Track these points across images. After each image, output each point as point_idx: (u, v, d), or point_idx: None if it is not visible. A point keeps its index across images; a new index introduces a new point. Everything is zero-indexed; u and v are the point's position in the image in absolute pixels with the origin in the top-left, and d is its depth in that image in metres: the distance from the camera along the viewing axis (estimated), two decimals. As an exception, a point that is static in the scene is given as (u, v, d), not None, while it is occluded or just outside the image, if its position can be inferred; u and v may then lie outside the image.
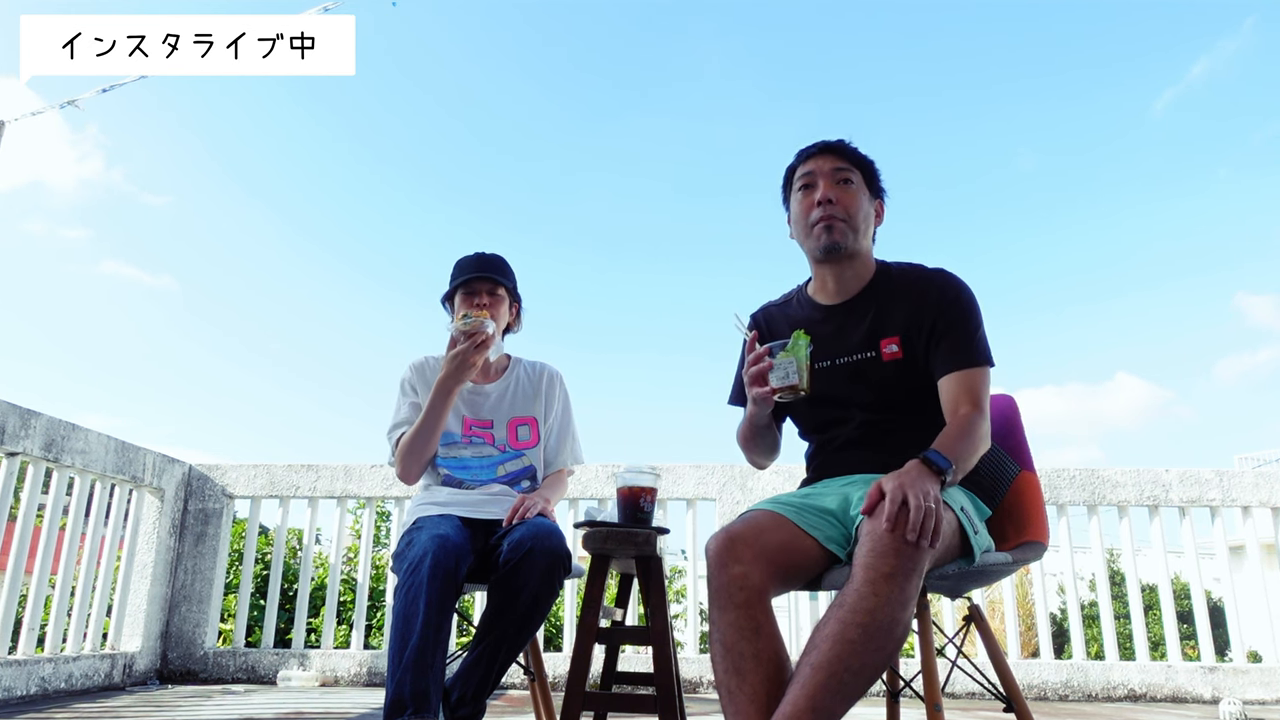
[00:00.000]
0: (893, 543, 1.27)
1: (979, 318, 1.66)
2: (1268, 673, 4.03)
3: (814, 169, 1.71)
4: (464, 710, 1.81)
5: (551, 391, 2.28)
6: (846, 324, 1.71)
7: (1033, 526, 1.72)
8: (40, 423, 3.44)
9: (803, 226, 1.72)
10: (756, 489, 4.31)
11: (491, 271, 2.22)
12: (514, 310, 2.31)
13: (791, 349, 1.59)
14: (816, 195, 1.68)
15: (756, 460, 1.84)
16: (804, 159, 1.74)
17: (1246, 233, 55.40)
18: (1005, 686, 1.64)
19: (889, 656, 1.25)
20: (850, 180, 1.70)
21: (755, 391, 1.61)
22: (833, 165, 1.70)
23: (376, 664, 4.17)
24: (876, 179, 1.76)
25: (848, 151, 1.73)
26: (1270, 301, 51.47)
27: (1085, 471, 4.34)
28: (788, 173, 1.79)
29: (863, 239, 1.71)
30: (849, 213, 1.67)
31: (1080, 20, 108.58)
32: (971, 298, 1.67)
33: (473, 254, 2.26)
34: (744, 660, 1.32)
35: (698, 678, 4.09)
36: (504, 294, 2.24)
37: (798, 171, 1.75)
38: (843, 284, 1.73)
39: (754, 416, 1.69)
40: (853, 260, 1.71)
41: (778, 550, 1.44)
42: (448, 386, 2.07)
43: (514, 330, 2.34)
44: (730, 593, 1.37)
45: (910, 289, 1.69)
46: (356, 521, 5.77)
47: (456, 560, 1.80)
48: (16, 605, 3.38)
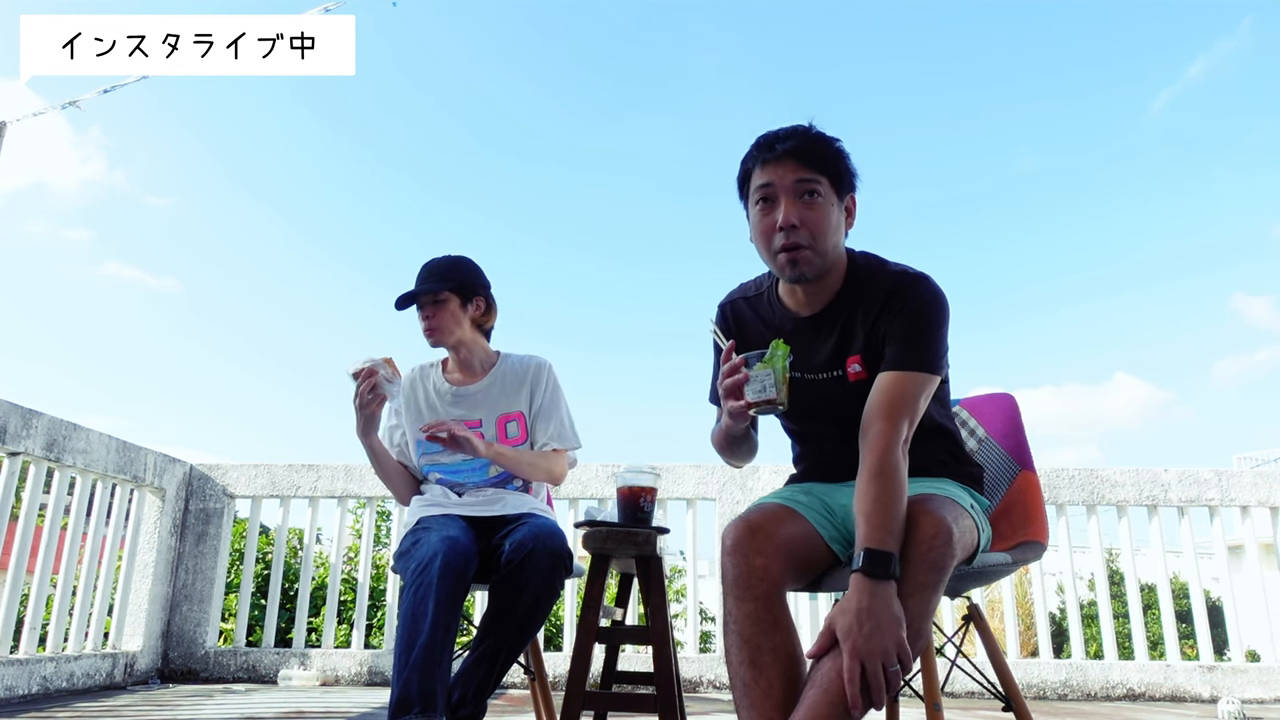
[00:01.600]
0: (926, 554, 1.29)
1: (934, 323, 1.52)
2: (1266, 672, 4.04)
3: (773, 181, 1.51)
4: (465, 710, 1.81)
5: (538, 381, 2.21)
6: (815, 337, 1.60)
7: (1032, 526, 1.73)
8: (42, 423, 3.45)
9: (765, 247, 1.55)
10: (756, 489, 4.32)
11: (430, 281, 2.16)
12: (478, 305, 2.21)
13: (769, 360, 1.45)
14: (778, 217, 1.50)
15: (733, 464, 1.78)
16: (761, 164, 1.53)
17: (1243, 233, 55.43)
18: (1004, 686, 1.65)
19: (910, 665, 1.26)
20: (816, 192, 1.50)
21: (730, 405, 1.49)
22: (795, 176, 1.50)
23: (377, 663, 4.18)
24: (846, 173, 1.55)
25: (811, 155, 1.51)
26: (1267, 302, 51.46)
27: (1084, 471, 4.35)
28: (743, 170, 1.59)
29: (831, 254, 1.55)
30: (814, 235, 1.50)
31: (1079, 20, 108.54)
32: (931, 302, 1.52)
33: (421, 266, 2.21)
34: (761, 654, 1.30)
35: (698, 677, 4.10)
36: (449, 297, 2.15)
37: (755, 178, 1.55)
38: (812, 297, 1.60)
39: (729, 428, 1.57)
40: (822, 278, 1.57)
41: (794, 545, 1.41)
42: (360, 436, 2.11)
43: (486, 325, 2.27)
44: (750, 584, 1.33)
45: (874, 299, 1.55)
46: (357, 521, 5.78)
47: (465, 562, 1.81)
48: (18, 605, 3.38)
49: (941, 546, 1.29)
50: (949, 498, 1.45)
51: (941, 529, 1.30)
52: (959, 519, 1.38)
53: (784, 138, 1.52)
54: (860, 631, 1.21)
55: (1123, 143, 74.21)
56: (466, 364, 2.24)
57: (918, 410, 1.47)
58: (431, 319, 2.15)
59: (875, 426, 1.44)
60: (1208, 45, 62.62)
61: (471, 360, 2.23)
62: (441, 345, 2.19)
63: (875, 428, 1.43)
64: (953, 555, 1.31)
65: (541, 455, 2.15)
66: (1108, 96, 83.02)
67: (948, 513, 1.35)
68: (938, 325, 1.52)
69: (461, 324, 2.18)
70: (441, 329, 2.16)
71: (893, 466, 1.38)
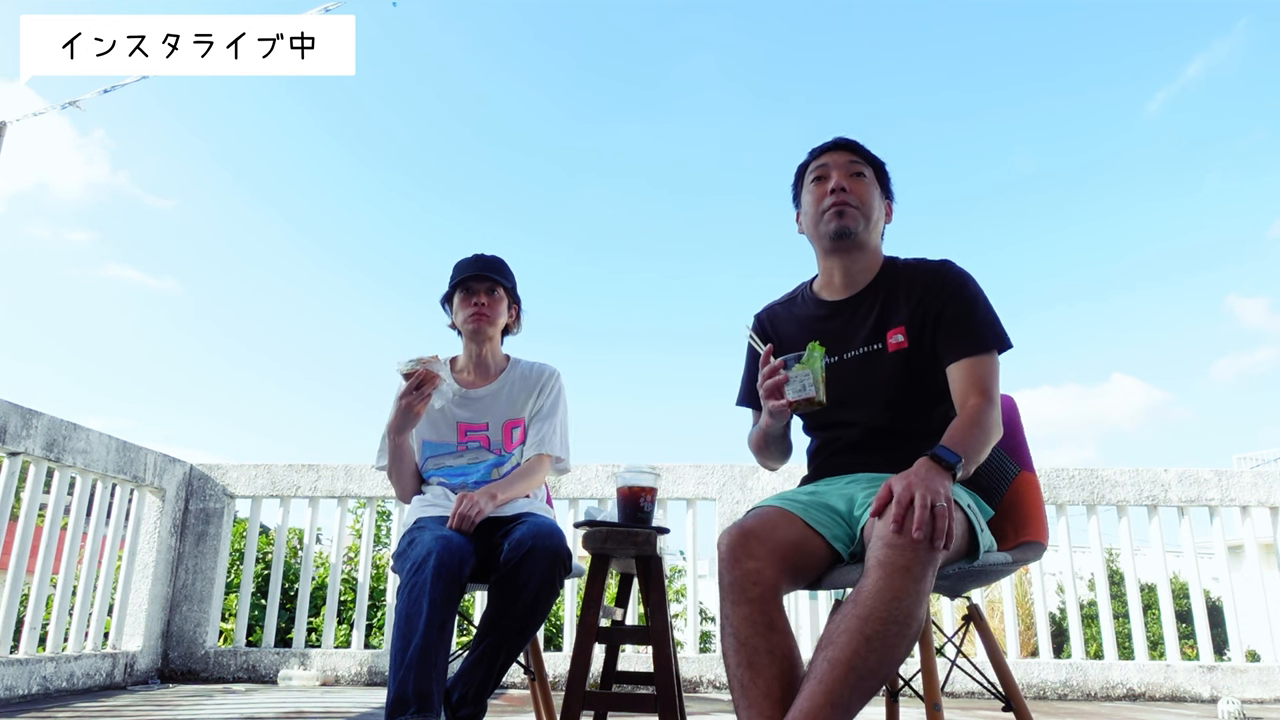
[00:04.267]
0: (907, 538, 1.28)
1: (987, 302, 1.66)
2: (1266, 672, 4.04)
3: (828, 162, 1.74)
4: (465, 710, 1.81)
5: (545, 387, 2.24)
6: (853, 318, 1.71)
7: (1032, 526, 1.72)
8: (42, 423, 3.45)
9: (813, 216, 1.73)
10: (756, 489, 4.32)
11: (490, 271, 2.21)
12: (513, 312, 2.30)
13: (807, 361, 1.57)
14: (830, 185, 1.70)
15: (769, 464, 1.86)
16: (817, 154, 1.77)
17: (1237, 235, 55.43)
18: (1004, 686, 1.65)
19: (905, 651, 1.26)
20: (863, 174, 1.72)
21: (771, 405, 1.61)
22: (847, 159, 1.73)
23: (377, 663, 4.18)
24: (887, 180, 1.79)
25: (861, 149, 1.75)
26: (1261, 304, 51.41)
27: (1084, 471, 4.35)
28: (800, 170, 1.81)
29: (873, 230, 1.72)
30: (862, 200, 1.69)
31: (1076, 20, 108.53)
32: (978, 285, 1.68)
33: (471, 255, 2.26)
34: (758, 655, 1.32)
35: (698, 677, 4.10)
36: (502, 294, 2.24)
37: (810, 166, 1.77)
38: (850, 277, 1.74)
39: (769, 427, 1.70)
40: (862, 251, 1.72)
41: (790, 547, 1.44)
42: (394, 433, 2.10)
43: (513, 332, 2.34)
44: (744, 587, 1.37)
45: (916, 280, 1.69)
46: (357, 521, 5.78)
47: (460, 561, 1.81)
48: (18, 605, 3.38)
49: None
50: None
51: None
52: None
53: (838, 138, 1.77)
54: (918, 475, 1.35)
55: (1119, 143, 74.23)
56: (481, 364, 2.26)
57: (999, 385, 1.62)
58: (486, 306, 2.20)
59: (970, 401, 1.57)
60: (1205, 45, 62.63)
61: (487, 361, 2.26)
62: (482, 334, 2.22)
63: (970, 402, 1.57)
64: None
65: (529, 472, 2.15)
66: (1105, 96, 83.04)
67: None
68: (988, 304, 1.66)
69: (500, 322, 2.25)
70: (493, 319, 2.21)
71: (991, 422, 1.53)
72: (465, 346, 2.28)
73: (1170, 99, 66.80)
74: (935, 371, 1.65)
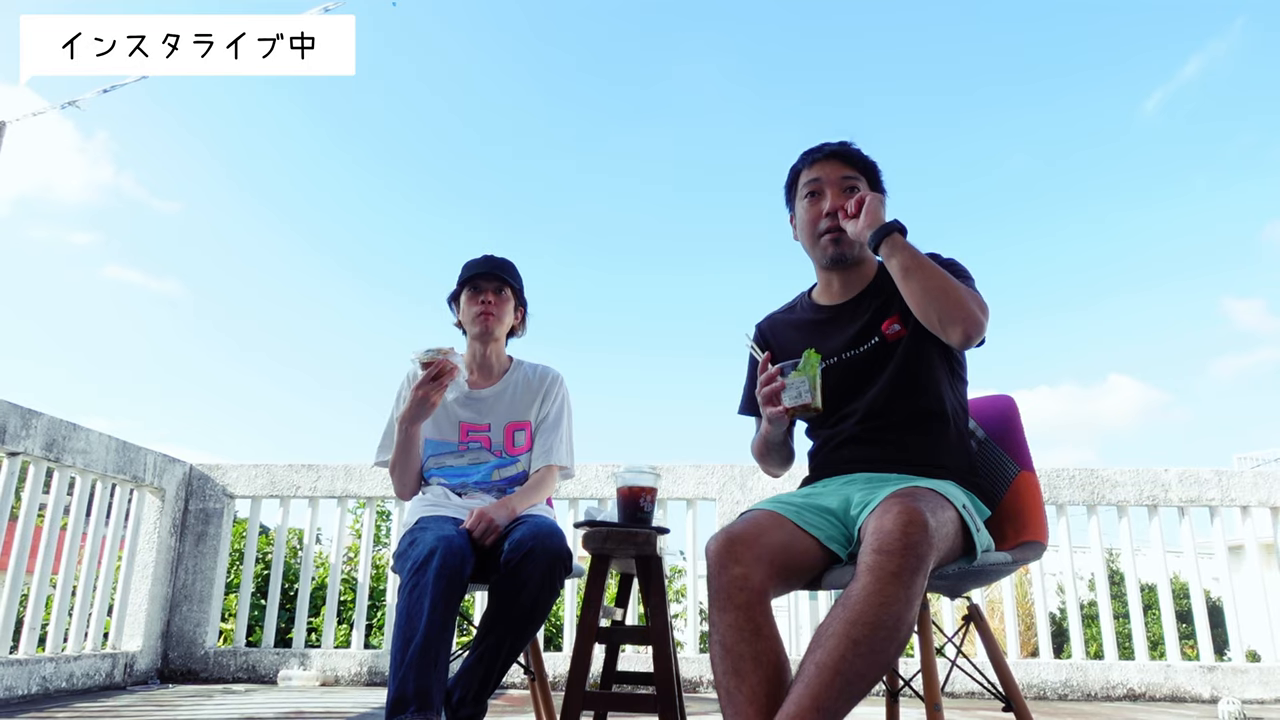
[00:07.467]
0: (899, 541, 1.27)
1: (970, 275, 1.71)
2: (1266, 672, 4.04)
3: (820, 176, 1.74)
4: (465, 710, 1.81)
5: (549, 392, 2.25)
6: (852, 319, 1.74)
7: (1032, 526, 1.72)
8: (41, 423, 3.45)
9: (810, 235, 1.76)
10: (756, 489, 4.32)
11: (499, 271, 2.23)
12: (519, 314, 2.31)
13: (803, 368, 1.60)
14: (824, 205, 1.72)
15: (772, 471, 1.88)
16: (809, 163, 1.77)
17: (1231, 236, 55.40)
18: (1004, 686, 1.64)
19: (894, 656, 1.25)
20: (856, 187, 1.73)
21: (769, 411, 1.65)
22: (840, 173, 1.73)
23: (377, 663, 4.18)
24: (879, 181, 1.79)
25: (853, 157, 1.76)
26: (1257, 306, 51.35)
27: (1084, 471, 4.35)
28: (792, 174, 1.82)
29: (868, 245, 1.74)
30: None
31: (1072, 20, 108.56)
32: (965, 267, 1.72)
33: (482, 255, 2.27)
34: (743, 661, 1.32)
35: (698, 677, 4.10)
36: (509, 295, 2.25)
37: (803, 176, 1.78)
38: (847, 286, 1.78)
39: (769, 434, 1.72)
40: (859, 265, 1.76)
41: (778, 550, 1.44)
42: (407, 424, 2.09)
43: (518, 334, 2.34)
44: (730, 593, 1.37)
45: None
46: (357, 521, 5.78)
47: (461, 560, 1.81)
48: (18, 605, 3.38)
49: (917, 533, 1.28)
50: (937, 492, 1.46)
51: (915, 517, 1.30)
52: (937, 511, 1.38)
53: (829, 144, 1.77)
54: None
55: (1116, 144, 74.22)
56: (485, 364, 2.26)
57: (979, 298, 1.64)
58: (493, 305, 2.21)
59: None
60: (1201, 45, 62.62)
61: (491, 361, 2.26)
62: (487, 333, 2.22)
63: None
64: (928, 543, 1.29)
65: (540, 483, 2.17)
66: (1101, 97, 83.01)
67: (925, 505, 1.35)
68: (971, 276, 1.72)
69: (506, 322, 2.26)
70: (499, 318, 2.22)
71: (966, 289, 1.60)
72: (470, 346, 2.28)
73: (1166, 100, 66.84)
74: (931, 354, 1.67)
